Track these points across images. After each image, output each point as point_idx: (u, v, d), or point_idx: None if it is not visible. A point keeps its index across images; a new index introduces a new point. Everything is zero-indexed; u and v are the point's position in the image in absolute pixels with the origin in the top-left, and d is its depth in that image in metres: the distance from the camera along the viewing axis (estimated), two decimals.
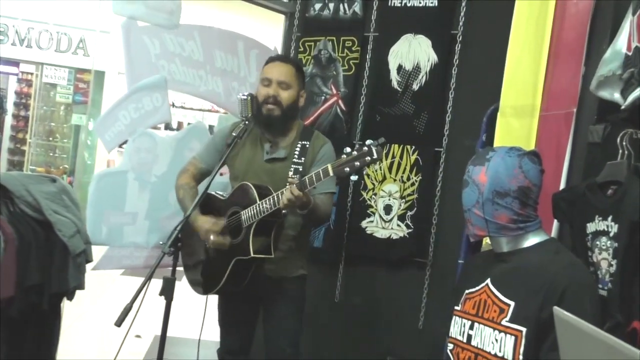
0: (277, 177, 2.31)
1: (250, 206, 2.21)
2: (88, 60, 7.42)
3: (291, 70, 2.37)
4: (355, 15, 3.23)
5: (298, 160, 2.32)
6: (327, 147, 2.41)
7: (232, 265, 2.26)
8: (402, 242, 3.06)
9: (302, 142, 2.35)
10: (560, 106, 2.08)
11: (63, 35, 7.27)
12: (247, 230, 2.22)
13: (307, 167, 2.32)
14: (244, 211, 2.24)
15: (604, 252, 1.61)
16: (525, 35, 2.30)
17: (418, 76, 3.03)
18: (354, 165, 1.91)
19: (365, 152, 1.90)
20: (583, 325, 1.20)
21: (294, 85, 2.36)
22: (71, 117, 7.65)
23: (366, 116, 3.18)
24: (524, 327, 1.54)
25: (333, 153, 2.41)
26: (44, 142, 7.70)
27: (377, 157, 1.90)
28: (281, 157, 2.37)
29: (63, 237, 2.35)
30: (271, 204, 2.13)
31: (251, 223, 2.20)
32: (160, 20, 2.95)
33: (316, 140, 2.40)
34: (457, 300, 1.82)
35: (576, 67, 1.98)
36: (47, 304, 2.31)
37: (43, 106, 7.61)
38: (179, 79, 3.07)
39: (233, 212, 2.31)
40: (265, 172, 2.37)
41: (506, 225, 1.66)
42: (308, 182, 2.02)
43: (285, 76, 2.34)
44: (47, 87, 7.59)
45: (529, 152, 1.69)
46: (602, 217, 1.61)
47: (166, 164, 3.02)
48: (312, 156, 2.35)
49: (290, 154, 2.35)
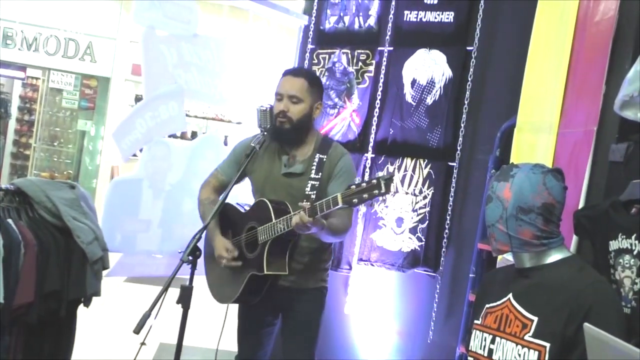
0: (295, 191, 2.32)
1: (266, 224, 2.23)
2: (95, 66, 7.45)
3: (303, 83, 2.35)
4: (370, 29, 3.27)
5: (315, 175, 2.32)
6: (343, 161, 2.38)
7: (248, 279, 2.28)
8: (413, 255, 3.09)
9: (320, 156, 2.34)
10: (580, 124, 2.10)
11: (70, 41, 7.29)
12: (262, 247, 2.24)
13: (325, 182, 2.32)
14: (260, 228, 2.26)
15: (627, 270, 1.63)
16: (545, 52, 2.33)
17: (432, 91, 3.07)
18: (362, 197, 1.93)
19: (374, 184, 1.91)
20: (615, 342, 1.22)
21: (305, 98, 2.35)
22: (76, 123, 7.66)
23: (379, 129, 3.21)
24: (548, 343, 1.55)
25: (350, 166, 2.40)
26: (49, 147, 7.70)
27: (385, 191, 1.91)
28: (298, 172, 2.36)
29: (82, 244, 2.35)
30: (284, 225, 2.15)
31: (266, 240, 2.22)
32: (177, 29, 2.99)
33: (334, 153, 2.38)
34: (477, 315, 1.83)
35: (597, 86, 2.01)
36: (64, 311, 2.32)
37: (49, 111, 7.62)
38: (194, 88, 3.10)
39: (251, 227, 2.33)
40: (283, 186, 2.37)
41: (529, 241, 1.68)
42: (319, 209, 2.02)
43: (295, 90, 2.33)
44: (53, 92, 7.60)
45: (553, 169, 1.71)
46: (626, 236, 1.63)
47: (180, 173, 3.05)
48: (329, 170, 2.34)
49: (308, 169, 2.34)
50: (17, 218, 2.32)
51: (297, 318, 2.40)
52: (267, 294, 2.31)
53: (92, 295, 2.44)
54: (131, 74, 7.68)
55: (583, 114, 2.10)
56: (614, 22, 1.99)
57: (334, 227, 2.21)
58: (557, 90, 2.24)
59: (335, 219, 2.20)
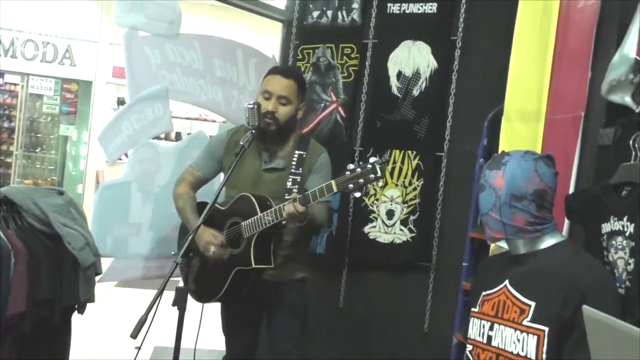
0: (276, 187, 2.35)
1: (252, 217, 2.24)
2: (75, 70, 7.36)
3: (292, 85, 2.36)
4: (353, 22, 3.26)
5: (296, 170, 2.36)
6: (323, 157, 2.44)
7: (233, 275, 2.29)
8: (405, 247, 3.09)
9: (300, 152, 2.39)
10: (567, 110, 2.12)
11: (49, 45, 7.20)
12: (248, 241, 2.25)
13: (305, 176, 2.36)
14: (244, 222, 2.27)
15: (620, 252, 1.65)
16: (529, 39, 2.35)
17: (418, 82, 3.07)
18: (358, 182, 1.96)
19: (369, 169, 1.95)
20: (614, 322, 1.24)
21: (293, 100, 2.37)
22: (58, 128, 7.56)
23: (366, 123, 3.21)
24: (546, 327, 1.57)
25: (329, 162, 2.46)
26: (31, 153, 7.60)
27: (380, 174, 1.95)
28: (280, 167, 2.40)
29: (73, 250, 2.34)
30: (273, 217, 2.16)
31: (252, 234, 2.24)
32: (160, 30, 2.95)
33: (313, 149, 2.44)
34: (474, 303, 1.85)
35: (583, 72, 2.03)
36: (58, 318, 2.30)
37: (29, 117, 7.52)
38: (179, 88, 3.07)
39: (233, 222, 2.33)
40: (264, 182, 2.39)
41: (523, 228, 1.69)
42: (311, 197, 2.05)
43: (286, 91, 2.34)
44: (33, 97, 7.49)
45: (544, 156, 1.73)
46: (618, 218, 1.65)
47: (169, 174, 3.02)
48: (309, 166, 2.39)
49: (289, 164, 2.38)
50: (6, 227, 2.29)
51: (282, 310, 2.43)
52: (250, 292, 2.33)
53: (85, 302, 2.43)
54: (112, 76, 7.61)
55: (570, 100, 2.13)
56: (597, 7, 2.01)
57: (316, 220, 2.27)
58: (543, 77, 2.26)
59: (316, 209, 2.24)
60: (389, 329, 3.16)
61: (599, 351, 1.27)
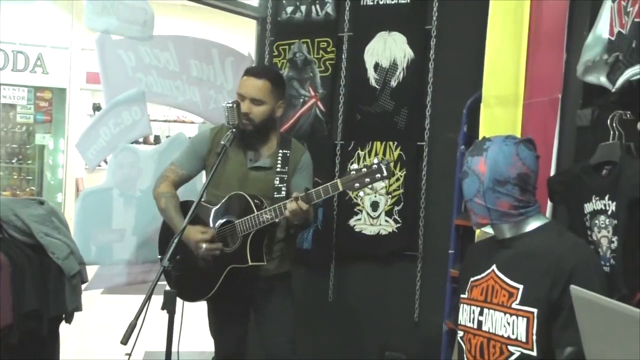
0: (262, 185, 2.37)
1: (247, 216, 2.24)
2: (48, 77, 7.25)
3: (265, 85, 2.35)
4: (328, 16, 3.25)
5: (282, 169, 2.38)
6: (306, 156, 2.49)
7: (226, 273, 2.30)
8: (392, 237, 3.11)
9: (284, 151, 2.41)
10: (545, 93, 2.14)
11: (19, 53, 7.07)
12: (244, 239, 2.27)
13: (290, 175, 2.39)
14: (239, 221, 2.27)
15: (603, 230, 1.67)
16: (503, 25, 2.36)
17: (395, 73, 3.08)
18: (364, 181, 1.99)
19: (375, 169, 1.98)
20: (602, 300, 1.25)
21: (268, 100, 2.36)
22: (34, 138, 7.44)
23: (346, 116, 3.22)
24: (534, 309, 1.59)
25: (311, 161, 2.51)
26: (7, 164, 7.47)
27: (387, 174, 1.96)
28: (266, 166, 2.41)
29: (57, 260, 2.31)
30: (272, 215, 2.18)
31: (248, 232, 2.25)
32: (133, 32, 2.92)
33: (295, 148, 2.47)
34: (463, 289, 1.86)
35: (558, 54, 2.05)
36: (46, 329, 2.27)
37: (3, 128, 7.39)
38: (156, 90, 3.04)
39: (225, 221, 2.32)
40: (250, 180, 2.40)
41: (508, 212, 1.71)
42: (315, 195, 2.09)
43: (257, 92, 2.34)
44: (6, 107, 7.36)
45: (525, 140, 1.74)
46: (599, 197, 1.67)
47: (150, 178, 3.00)
48: (294, 165, 2.42)
49: (274, 163, 2.40)
50: None
51: (271, 305, 2.45)
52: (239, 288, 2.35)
53: (73, 311, 2.40)
54: (86, 82, 7.52)
55: (547, 83, 2.14)
56: None
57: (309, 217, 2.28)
58: (519, 61, 2.28)
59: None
60: (380, 320, 3.18)
61: (588, 329, 1.28)
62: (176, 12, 5.59)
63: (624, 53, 1.63)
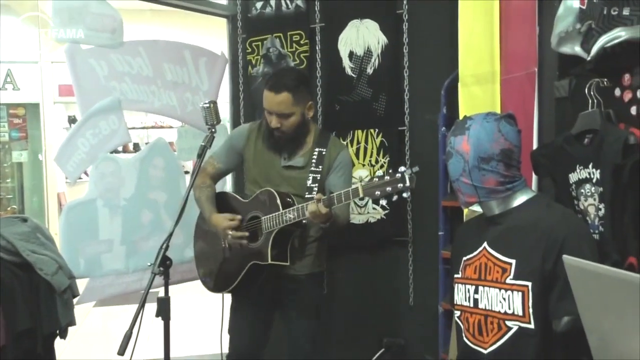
0: (295, 184, 2.34)
1: (273, 214, 2.23)
2: (19, 94, 7.13)
3: (287, 98, 2.27)
4: (298, 8, 3.24)
5: (316, 168, 2.34)
6: (343, 155, 2.41)
7: (247, 269, 2.30)
8: (381, 225, 3.11)
9: (320, 149, 2.36)
10: (521, 68, 2.15)
11: None
12: (267, 236, 2.25)
13: (324, 174, 2.34)
14: (265, 217, 2.26)
15: (589, 199, 1.69)
16: (473, 3, 2.37)
17: (371, 60, 3.07)
18: (386, 190, 1.92)
19: (398, 178, 1.90)
20: (595, 267, 1.27)
21: (294, 110, 2.30)
22: (11, 156, 7.32)
23: (325, 107, 3.21)
24: (529, 282, 1.60)
25: (349, 160, 2.44)
26: None
27: (409, 185, 1.89)
28: (299, 165, 2.37)
29: (46, 276, 2.27)
30: (295, 215, 2.16)
31: (272, 230, 2.23)
32: (103, 40, 2.88)
33: (333, 146, 2.40)
34: (456, 269, 1.86)
35: (531, 28, 2.05)
36: (41, 347, 2.24)
37: None
38: (132, 97, 3.00)
39: (253, 216, 2.32)
40: (283, 178, 2.38)
41: (495, 189, 1.71)
42: (336, 200, 2.03)
43: (281, 107, 2.28)
44: None
45: (505, 115, 1.75)
46: (583, 166, 1.69)
47: (133, 186, 2.97)
48: (329, 163, 2.36)
49: (308, 162, 2.36)
50: None
51: (301, 304, 2.42)
52: (266, 284, 2.32)
53: (67, 326, 2.37)
54: (59, 95, 7.40)
55: (522, 57, 2.15)
56: None
57: (339, 220, 2.24)
58: (492, 38, 2.29)
59: (338, 210, 2.21)
60: (375, 307, 3.19)
61: (583, 297, 1.29)
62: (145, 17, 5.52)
63: (596, 20, 1.63)
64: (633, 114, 1.58)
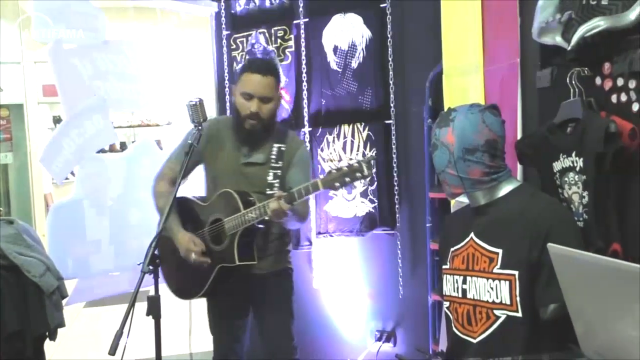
0: (256, 181, 2.32)
1: (234, 215, 2.21)
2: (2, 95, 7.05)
3: (272, 82, 2.28)
4: (282, 3, 3.24)
5: (276, 164, 2.32)
6: (302, 151, 2.41)
7: (216, 273, 2.27)
8: (369, 217, 3.13)
9: (278, 145, 2.34)
10: (503, 59, 2.16)
11: None
12: (232, 237, 2.23)
13: (285, 169, 2.33)
14: (227, 219, 2.24)
15: (573, 187, 1.71)
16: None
17: (355, 54, 3.08)
18: (344, 180, 1.93)
19: (355, 167, 1.91)
20: (580, 254, 1.29)
21: (275, 96, 2.31)
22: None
23: (311, 102, 3.21)
24: (515, 271, 1.62)
25: (308, 155, 2.46)
26: None
27: (367, 173, 1.91)
28: (260, 162, 2.35)
29: (33, 278, 2.26)
30: (257, 214, 2.14)
31: (235, 231, 2.21)
32: (86, 39, 2.86)
33: (292, 142, 2.40)
34: (444, 260, 1.88)
35: (512, 19, 2.07)
36: (30, 350, 2.23)
37: None
38: (116, 96, 2.99)
39: (215, 219, 2.30)
40: (244, 175, 2.36)
41: (480, 179, 1.73)
42: (297, 195, 2.02)
43: (267, 91, 2.26)
44: None
45: (489, 106, 1.76)
46: (566, 154, 1.70)
47: (120, 186, 2.97)
48: (289, 159, 2.35)
49: (268, 158, 2.34)
50: None
51: (270, 302, 2.42)
52: (235, 284, 2.31)
53: (56, 328, 2.35)
54: (43, 96, 7.33)
55: (504, 48, 2.17)
56: None
57: (299, 213, 2.23)
58: (475, 30, 2.30)
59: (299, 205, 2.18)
60: (365, 300, 3.20)
61: (568, 284, 1.31)
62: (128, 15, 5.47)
63: (576, 10, 1.65)
64: (614, 102, 1.59)
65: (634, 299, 1.08)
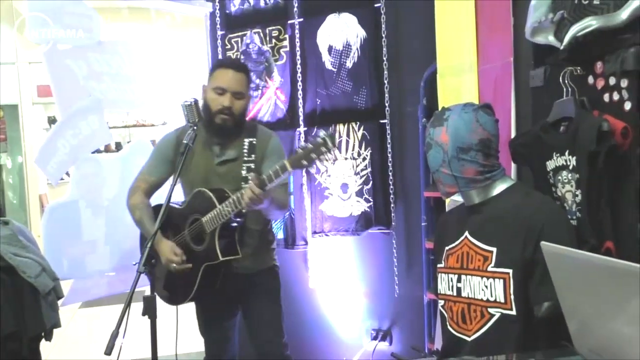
0: (231, 178, 2.33)
1: (211, 211, 2.21)
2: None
3: (244, 79, 2.33)
4: (276, 3, 3.24)
5: (248, 158, 2.33)
6: (273, 141, 2.43)
7: (202, 273, 2.27)
8: (364, 217, 3.14)
9: (249, 140, 2.36)
10: (497, 58, 2.18)
11: None
12: (212, 235, 2.23)
13: (259, 162, 2.35)
14: (204, 217, 2.24)
15: (567, 185, 1.72)
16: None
17: (350, 53, 3.09)
18: (311, 157, 1.94)
19: (320, 142, 1.93)
20: (573, 252, 1.29)
21: (246, 93, 2.34)
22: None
23: (306, 101, 3.22)
24: (509, 269, 1.63)
25: (280, 145, 2.45)
26: None
27: (331, 146, 1.92)
28: (232, 158, 2.36)
29: (29, 279, 2.26)
30: (233, 206, 2.14)
31: (214, 228, 2.21)
32: (81, 40, 2.86)
33: (262, 135, 2.42)
34: (439, 259, 1.89)
35: (506, 19, 2.08)
36: (26, 350, 2.23)
37: None
38: (111, 97, 2.99)
39: (193, 219, 2.30)
40: (219, 175, 2.36)
41: (474, 178, 1.74)
42: (267, 179, 2.03)
43: (239, 86, 2.30)
44: None
45: (483, 105, 1.77)
46: (560, 153, 1.71)
47: (115, 186, 2.97)
48: (262, 151, 2.37)
49: (240, 153, 2.35)
50: None
51: (259, 300, 2.43)
52: (221, 285, 2.31)
53: (52, 328, 2.36)
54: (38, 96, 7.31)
55: (498, 48, 2.18)
56: None
57: (278, 201, 2.26)
58: (469, 30, 2.31)
59: (277, 193, 2.23)
60: (361, 299, 3.21)
61: (562, 282, 1.32)
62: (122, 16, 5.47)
63: (568, 10, 1.66)
64: (606, 101, 1.60)
65: (627, 296, 1.09)
